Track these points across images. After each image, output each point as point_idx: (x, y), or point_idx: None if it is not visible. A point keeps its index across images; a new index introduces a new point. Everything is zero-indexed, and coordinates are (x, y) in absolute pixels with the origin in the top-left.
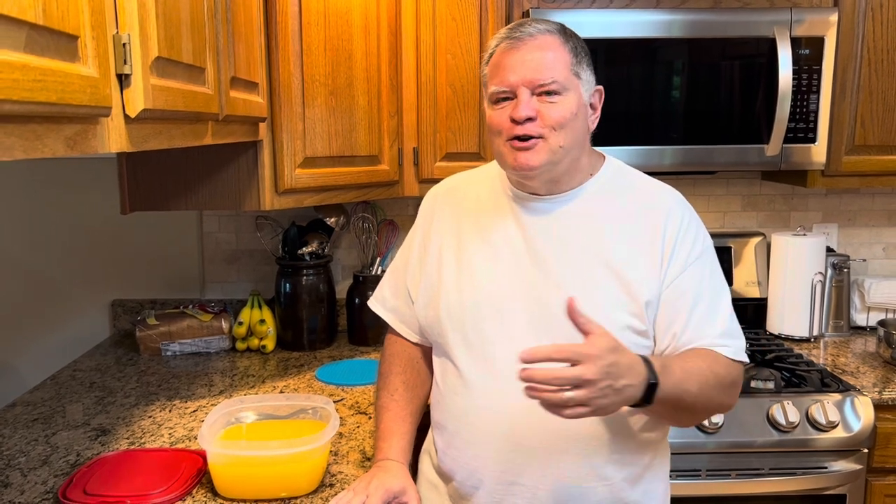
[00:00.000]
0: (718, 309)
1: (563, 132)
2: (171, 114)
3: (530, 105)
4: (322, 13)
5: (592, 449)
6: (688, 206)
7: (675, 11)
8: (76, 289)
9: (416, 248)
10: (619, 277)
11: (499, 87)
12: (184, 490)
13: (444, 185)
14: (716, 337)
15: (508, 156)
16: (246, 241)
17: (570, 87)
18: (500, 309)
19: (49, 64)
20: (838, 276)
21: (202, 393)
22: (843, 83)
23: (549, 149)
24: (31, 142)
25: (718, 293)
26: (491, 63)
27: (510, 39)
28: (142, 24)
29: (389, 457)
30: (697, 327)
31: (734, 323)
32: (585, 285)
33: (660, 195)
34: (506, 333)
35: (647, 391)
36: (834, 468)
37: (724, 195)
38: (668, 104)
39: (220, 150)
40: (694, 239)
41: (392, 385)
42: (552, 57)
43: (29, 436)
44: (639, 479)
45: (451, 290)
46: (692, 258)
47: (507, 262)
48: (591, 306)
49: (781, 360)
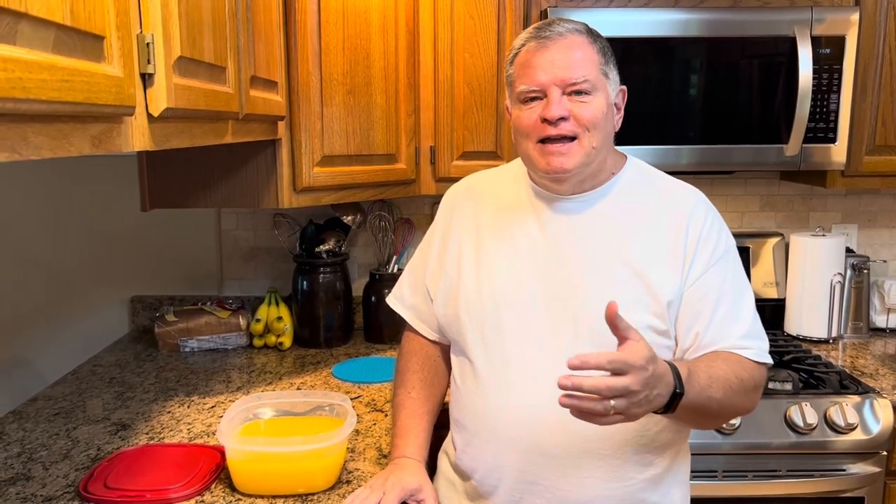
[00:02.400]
0: (741, 309)
1: (596, 132)
2: (192, 113)
3: (562, 104)
4: (341, 12)
5: (613, 450)
6: (710, 206)
7: (694, 10)
8: (96, 285)
9: (435, 245)
10: (640, 277)
11: (529, 86)
12: (202, 485)
13: (464, 183)
14: (739, 338)
15: (539, 159)
16: (264, 239)
17: (599, 86)
18: (519, 308)
19: (76, 64)
20: (858, 277)
21: (220, 389)
22: (864, 82)
23: (582, 151)
24: (58, 141)
25: (741, 293)
26: (517, 62)
27: (539, 39)
28: (165, 24)
29: (406, 454)
30: (720, 328)
31: (757, 324)
32: (606, 285)
33: (682, 195)
34: (525, 333)
35: (671, 400)
36: (852, 470)
37: (742, 195)
38: (687, 104)
39: (239, 148)
40: (717, 239)
41: (409, 383)
42: (582, 56)
43: (50, 430)
44: (659, 482)
45: (470, 288)
46: (715, 258)
47: (527, 261)
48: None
49: (799, 361)
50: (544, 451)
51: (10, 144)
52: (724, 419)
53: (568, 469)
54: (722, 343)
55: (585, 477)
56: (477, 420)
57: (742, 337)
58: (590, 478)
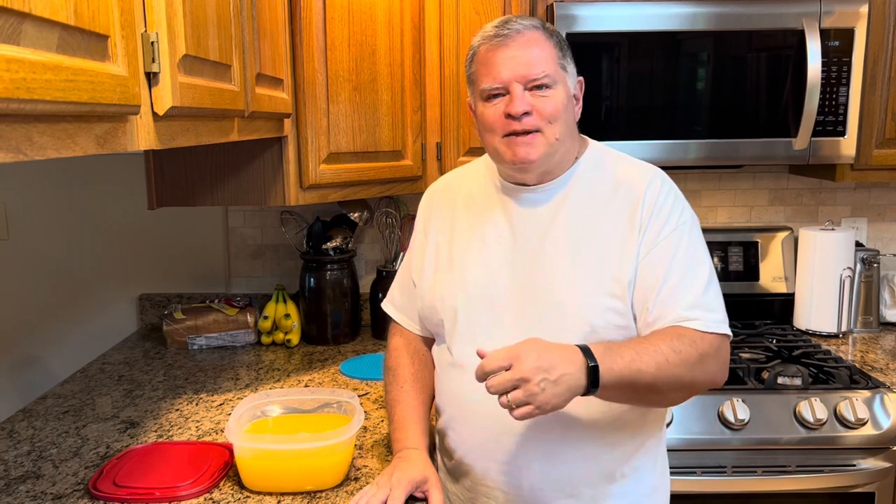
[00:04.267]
0: (691, 283)
1: (558, 124)
2: (198, 111)
3: (525, 100)
4: (346, 8)
5: (582, 430)
6: (668, 181)
7: (701, 4)
8: (104, 283)
9: (417, 245)
10: (603, 259)
11: (491, 84)
12: (211, 483)
13: (440, 182)
14: (683, 310)
15: (506, 151)
16: (271, 236)
17: (559, 79)
18: (489, 297)
19: (80, 64)
20: (867, 271)
21: (228, 386)
22: (874, 75)
23: (546, 142)
24: (63, 140)
25: (694, 267)
26: (477, 61)
27: (497, 37)
28: (169, 23)
29: (408, 445)
30: (664, 303)
31: (708, 295)
32: (570, 270)
33: (639, 172)
34: (495, 321)
35: (591, 376)
36: (862, 466)
37: (750, 189)
38: (694, 98)
39: (246, 146)
40: (670, 213)
41: (401, 378)
42: (540, 52)
43: (60, 428)
44: (631, 456)
45: (444, 280)
46: (666, 232)
47: (496, 252)
48: (575, 292)
49: (809, 356)
50: (516, 432)
51: (14, 145)
52: (675, 394)
53: (539, 449)
54: (666, 318)
55: (557, 456)
56: (452, 404)
57: (686, 308)
58: (561, 456)
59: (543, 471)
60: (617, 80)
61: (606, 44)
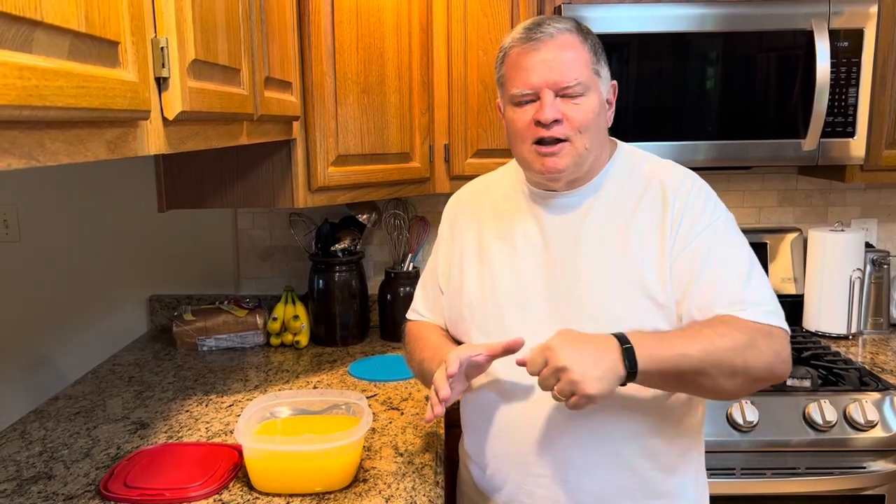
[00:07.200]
0: (728, 279)
1: (588, 134)
2: (207, 115)
3: (555, 107)
4: (354, 11)
5: (620, 440)
6: (698, 180)
7: (710, 5)
8: (114, 285)
9: (441, 254)
10: (637, 262)
11: (521, 89)
12: (220, 484)
13: (465, 190)
14: (722, 307)
15: (535, 161)
16: (279, 238)
17: (591, 86)
18: (520, 304)
19: (91, 70)
20: (877, 272)
21: (237, 388)
22: (884, 76)
23: (575, 152)
24: (75, 146)
25: (727, 263)
26: (508, 64)
27: (529, 40)
28: (179, 28)
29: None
30: (702, 301)
31: (749, 290)
32: (602, 274)
33: (670, 173)
34: (527, 328)
35: (628, 358)
36: (872, 468)
37: (759, 190)
38: (703, 99)
39: (255, 148)
40: (702, 211)
41: (424, 339)
42: (573, 56)
43: (71, 429)
44: (673, 470)
45: (472, 287)
46: (698, 230)
47: (525, 258)
48: (611, 296)
49: (818, 357)
50: (550, 444)
51: (27, 151)
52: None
53: (575, 462)
54: (712, 310)
55: (594, 469)
56: (481, 413)
57: (728, 305)
58: (599, 469)
59: (580, 482)
60: (626, 82)
61: (616, 45)
